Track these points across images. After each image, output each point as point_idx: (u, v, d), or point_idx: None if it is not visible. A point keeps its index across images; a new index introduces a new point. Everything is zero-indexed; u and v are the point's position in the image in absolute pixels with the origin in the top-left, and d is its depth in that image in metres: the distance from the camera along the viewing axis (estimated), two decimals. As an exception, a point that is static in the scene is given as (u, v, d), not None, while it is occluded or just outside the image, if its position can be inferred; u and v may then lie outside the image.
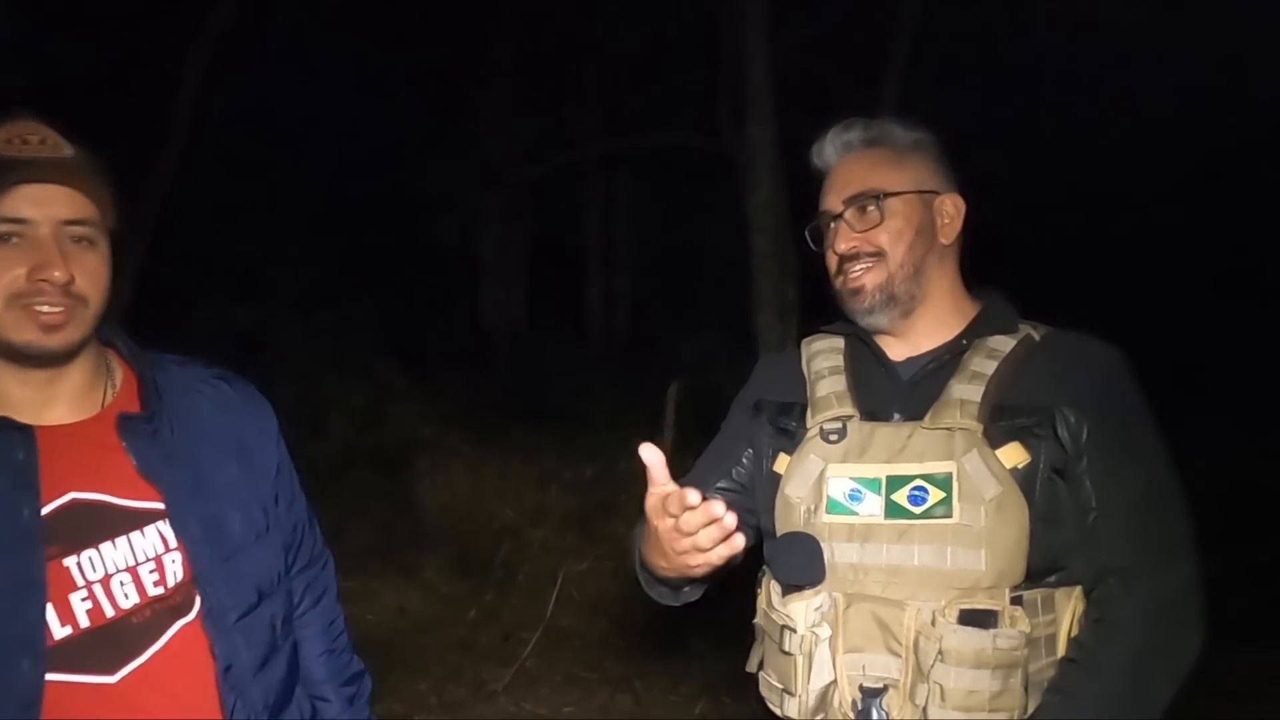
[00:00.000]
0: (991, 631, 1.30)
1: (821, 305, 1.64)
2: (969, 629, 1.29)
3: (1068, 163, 9.08)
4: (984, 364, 1.40)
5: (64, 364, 1.23)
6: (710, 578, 1.38)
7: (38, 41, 8.19)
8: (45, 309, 1.16)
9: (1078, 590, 1.37)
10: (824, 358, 1.55)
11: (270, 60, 9.43)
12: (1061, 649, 1.35)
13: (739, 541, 1.17)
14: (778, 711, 1.46)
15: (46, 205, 1.17)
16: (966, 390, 1.38)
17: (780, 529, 1.47)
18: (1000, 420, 1.36)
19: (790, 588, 1.43)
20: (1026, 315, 1.50)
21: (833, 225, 1.48)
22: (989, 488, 1.32)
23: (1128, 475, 1.36)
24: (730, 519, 1.13)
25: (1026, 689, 1.32)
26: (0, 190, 1.15)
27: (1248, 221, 9.23)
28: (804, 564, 1.41)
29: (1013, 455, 1.34)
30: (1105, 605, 1.34)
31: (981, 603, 1.31)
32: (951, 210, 1.49)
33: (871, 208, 1.45)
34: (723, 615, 1.56)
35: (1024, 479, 1.33)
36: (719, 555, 1.19)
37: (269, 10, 8.44)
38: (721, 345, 7.84)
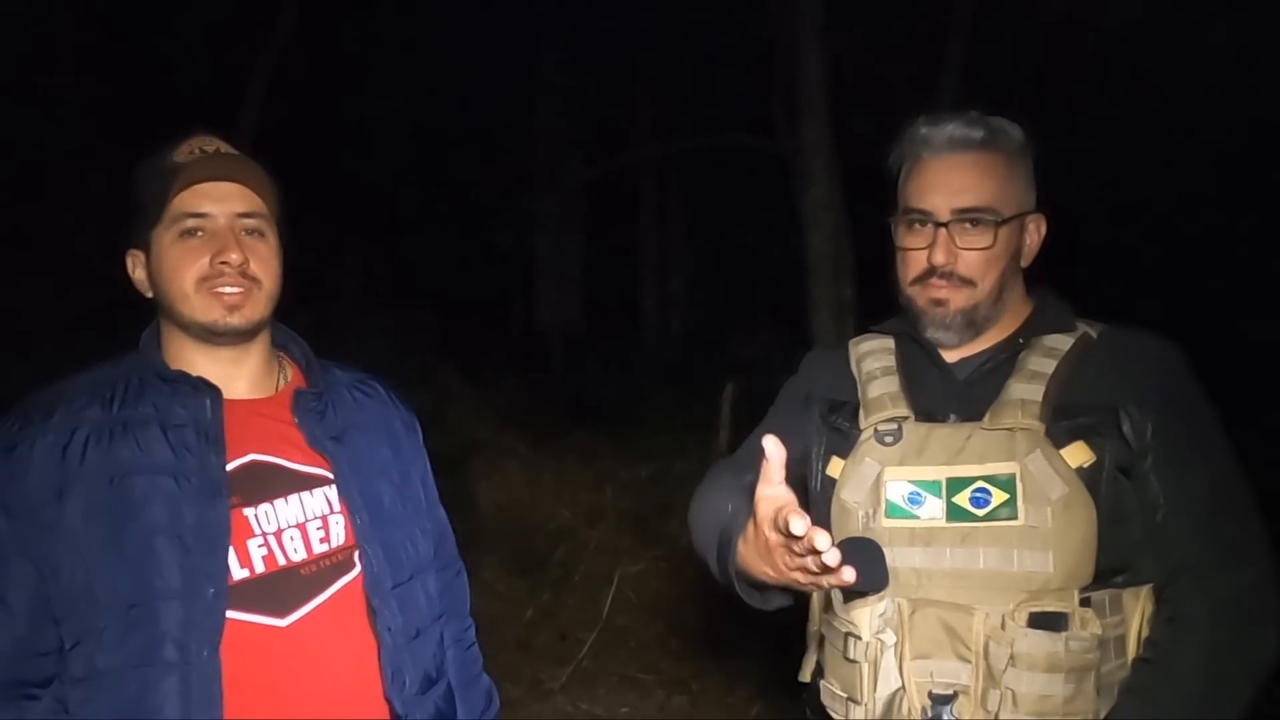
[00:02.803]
0: (1064, 634, 1.28)
1: (878, 306, 1.61)
2: (1040, 632, 1.28)
3: (1132, 159, 8.86)
4: (1042, 363, 1.39)
5: (246, 343, 1.38)
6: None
7: (106, 48, 8.41)
8: (226, 290, 1.32)
9: (1145, 590, 1.35)
10: (874, 358, 1.53)
11: (329, 66, 9.59)
12: (1131, 650, 1.34)
13: (848, 576, 1.07)
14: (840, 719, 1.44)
15: (221, 200, 1.34)
16: (1027, 390, 1.36)
17: (837, 535, 1.44)
18: (1062, 420, 1.34)
19: (853, 594, 1.41)
20: (1082, 313, 1.48)
21: (933, 230, 1.42)
22: (1055, 488, 1.30)
23: (1196, 472, 1.34)
24: (833, 557, 1.04)
25: (1098, 692, 1.30)
26: (182, 188, 1.32)
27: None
28: (868, 570, 1.38)
29: (1077, 455, 1.32)
30: (1177, 604, 1.32)
31: (1051, 605, 1.29)
32: (1035, 235, 1.47)
33: (984, 228, 1.40)
34: (780, 617, 1.54)
35: (1089, 478, 1.31)
36: (827, 582, 1.13)
37: (328, 16, 8.59)
38: (777, 346, 7.78)
